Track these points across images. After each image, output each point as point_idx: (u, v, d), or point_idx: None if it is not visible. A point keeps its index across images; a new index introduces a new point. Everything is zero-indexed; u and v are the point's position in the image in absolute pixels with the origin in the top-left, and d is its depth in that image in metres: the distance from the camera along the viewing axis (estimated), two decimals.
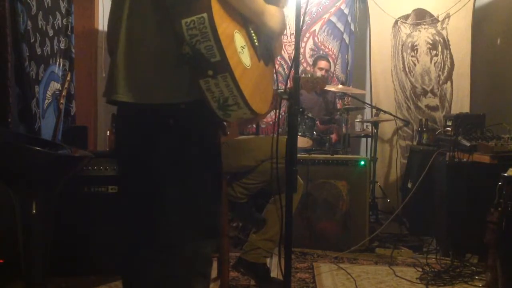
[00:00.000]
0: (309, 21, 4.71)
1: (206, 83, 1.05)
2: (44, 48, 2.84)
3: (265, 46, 1.35)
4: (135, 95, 1.13)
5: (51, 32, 2.93)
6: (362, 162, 3.21)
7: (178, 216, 1.19)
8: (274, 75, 1.54)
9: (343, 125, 3.89)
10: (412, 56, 4.48)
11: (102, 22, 3.96)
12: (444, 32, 4.38)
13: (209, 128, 1.21)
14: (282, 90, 1.49)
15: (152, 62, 1.12)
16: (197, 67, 1.04)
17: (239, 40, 1.14)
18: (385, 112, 4.14)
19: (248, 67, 1.15)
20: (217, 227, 1.33)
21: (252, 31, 1.25)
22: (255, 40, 1.26)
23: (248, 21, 1.23)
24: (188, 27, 1.02)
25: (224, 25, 1.07)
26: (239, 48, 1.13)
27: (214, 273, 2.40)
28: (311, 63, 4.53)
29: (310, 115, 3.64)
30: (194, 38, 1.02)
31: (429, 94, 4.42)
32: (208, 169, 1.22)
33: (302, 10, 1.47)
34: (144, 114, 1.15)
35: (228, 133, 2.22)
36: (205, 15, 1.01)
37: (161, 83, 1.11)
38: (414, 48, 4.47)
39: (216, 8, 1.03)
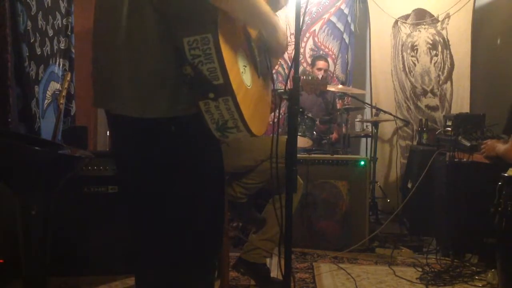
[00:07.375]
0: (309, 21, 4.71)
1: (206, 105, 0.99)
2: (44, 48, 2.84)
3: (266, 60, 1.29)
4: (134, 110, 1.06)
5: (51, 32, 2.93)
6: (362, 162, 3.21)
7: (176, 235, 1.12)
8: (273, 81, 1.50)
9: (343, 125, 3.89)
10: (412, 56, 4.48)
11: None
12: (444, 32, 4.38)
13: (212, 136, 1.16)
14: (282, 90, 1.49)
15: (154, 76, 1.05)
16: (198, 89, 0.98)
17: (242, 59, 1.09)
18: (385, 112, 4.13)
19: (249, 88, 1.10)
20: (217, 253, 1.25)
21: (253, 45, 1.20)
22: (256, 56, 1.21)
23: (250, 35, 1.19)
24: (190, 47, 0.94)
25: (229, 45, 1.00)
26: (241, 67, 1.07)
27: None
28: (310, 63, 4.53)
29: (310, 115, 3.64)
30: (197, 59, 0.95)
31: (429, 94, 4.43)
32: (210, 179, 1.17)
33: (302, 10, 1.47)
34: (144, 122, 1.07)
35: None
36: (209, 35, 0.93)
37: (163, 98, 1.05)
38: (414, 48, 4.47)
39: (222, 28, 0.95)
